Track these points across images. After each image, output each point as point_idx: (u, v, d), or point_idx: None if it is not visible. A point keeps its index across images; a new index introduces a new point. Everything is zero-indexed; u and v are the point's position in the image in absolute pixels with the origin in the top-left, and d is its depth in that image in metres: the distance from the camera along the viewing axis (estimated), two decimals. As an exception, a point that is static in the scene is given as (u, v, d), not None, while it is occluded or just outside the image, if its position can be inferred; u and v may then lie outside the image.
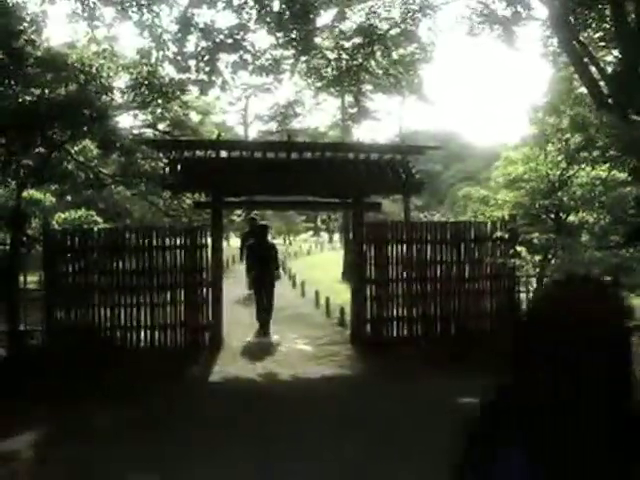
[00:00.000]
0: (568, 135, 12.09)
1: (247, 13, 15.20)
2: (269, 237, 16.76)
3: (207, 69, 15.02)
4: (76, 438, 7.67)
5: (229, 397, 9.52)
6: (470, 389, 9.03)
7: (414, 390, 9.16)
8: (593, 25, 16.17)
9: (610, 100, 14.11)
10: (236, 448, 7.15)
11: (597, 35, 17.17)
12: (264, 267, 14.90)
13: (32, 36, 12.59)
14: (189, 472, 6.56)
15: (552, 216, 12.16)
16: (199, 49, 15.01)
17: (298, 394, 9.73)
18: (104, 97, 13.50)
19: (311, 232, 49.90)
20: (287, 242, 45.89)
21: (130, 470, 6.62)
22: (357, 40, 19.44)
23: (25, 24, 12.54)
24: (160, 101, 15.17)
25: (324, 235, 48.51)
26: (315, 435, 7.52)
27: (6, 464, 6.97)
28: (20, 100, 12.48)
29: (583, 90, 15.77)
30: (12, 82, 12.41)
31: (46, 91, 12.74)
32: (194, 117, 31.73)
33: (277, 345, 13.19)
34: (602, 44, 17.57)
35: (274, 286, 15.20)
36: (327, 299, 16.69)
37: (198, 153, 13.56)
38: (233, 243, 36.20)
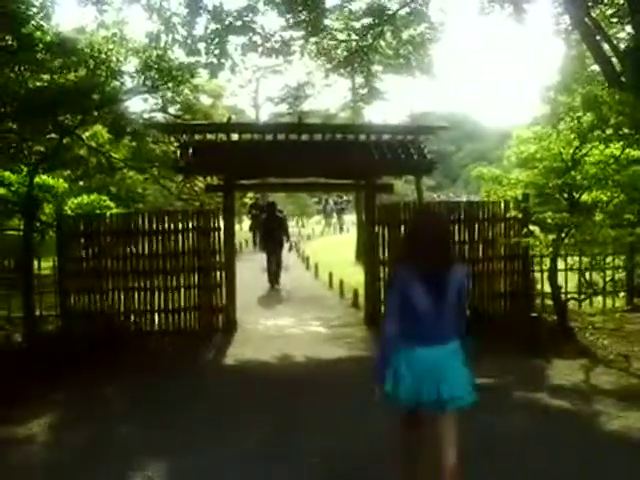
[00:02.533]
0: (580, 113, 11.97)
1: (256, -6, 15.16)
2: (278, 213, 19.96)
3: (217, 52, 14.99)
4: (93, 421, 7.73)
5: (244, 379, 9.54)
6: (491, 368, 9.03)
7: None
8: (605, 1, 16.01)
9: (623, 77, 14.01)
10: (251, 428, 7.20)
11: (609, 11, 17.03)
12: (273, 236, 18.71)
13: (41, 21, 12.57)
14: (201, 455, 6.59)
15: (565, 195, 12.07)
16: (208, 32, 14.98)
17: (313, 375, 9.73)
18: (114, 82, 13.49)
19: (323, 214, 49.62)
20: (300, 224, 45.79)
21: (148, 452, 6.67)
22: (367, 20, 19.37)
23: (34, 9, 12.52)
24: (170, 85, 15.13)
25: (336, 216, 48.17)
26: (332, 414, 7.54)
27: (25, 447, 7.03)
28: (30, 86, 12.48)
29: (595, 68, 15.68)
30: (22, 68, 12.41)
31: (56, 76, 12.74)
32: (205, 100, 31.75)
33: (291, 327, 13.20)
34: (615, 20, 17.43)
35: (282, 247, 19.24)
36: (341, 281, 16.69)
37: (209, 136, 13.55)
38: (246, 226, 36.18)
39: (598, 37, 14.66)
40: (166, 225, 12.60)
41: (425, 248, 4.75)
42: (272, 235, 18.75)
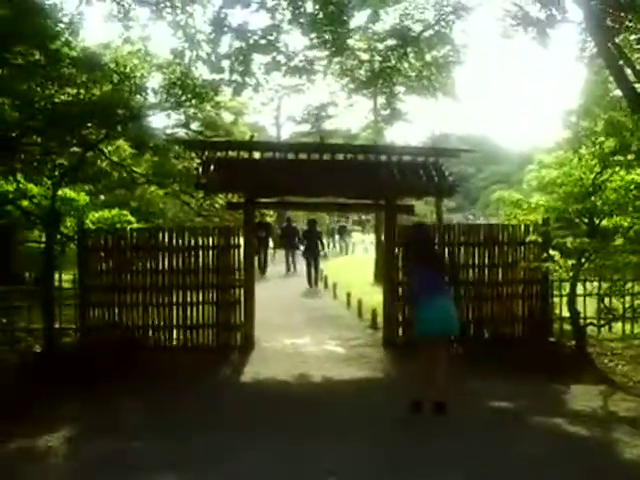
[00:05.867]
0: (602, 139, 11.96)
1: (281, 14, 15.19)
2: (318, 228, 25.73)
3: (240, 70, 15.05)
4: (107, 435, 7.75)
5: (261, 397, 9.54)
6: (509, 392, 8.99)
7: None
8: (630, 27, 15.97)
9: (646, 103, 13.95)
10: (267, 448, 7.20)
11: (633, 37, 16.98)
12: (313, 246, 23.93)
13: (69, 37, 12.71)
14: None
15: (585, 220, 12.05)
16: (233, 50, 15.05)
17: (329, 395, 9.73)
18: (138, 97, 13.59)
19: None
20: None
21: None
22: (390, 42, 19.37)
23: (62, 25, 12.66)
24: (193, 101, 15.20)
25: (355, 236, 47.88)
26: (347, 434, 7.54)
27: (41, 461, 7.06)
28: (56, 100, 12.61)
29: (618, 93, 15.60)
30: (49, 82, 12.54)
31: (81, 91, 12.86)
32: (227, 117, 31.90)
33: (308, 346, 13.18)
34: (639, 47, 17.37)
35: (319, 257, 24.51)
36: (359, 301, 16.66)
37: (231, 153, 13.60)
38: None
39: (621, 62, 14.61)
40: (186, 241, 12.67)
41: (419, 247, 9.19)
42: (312, 245, 23.99)
